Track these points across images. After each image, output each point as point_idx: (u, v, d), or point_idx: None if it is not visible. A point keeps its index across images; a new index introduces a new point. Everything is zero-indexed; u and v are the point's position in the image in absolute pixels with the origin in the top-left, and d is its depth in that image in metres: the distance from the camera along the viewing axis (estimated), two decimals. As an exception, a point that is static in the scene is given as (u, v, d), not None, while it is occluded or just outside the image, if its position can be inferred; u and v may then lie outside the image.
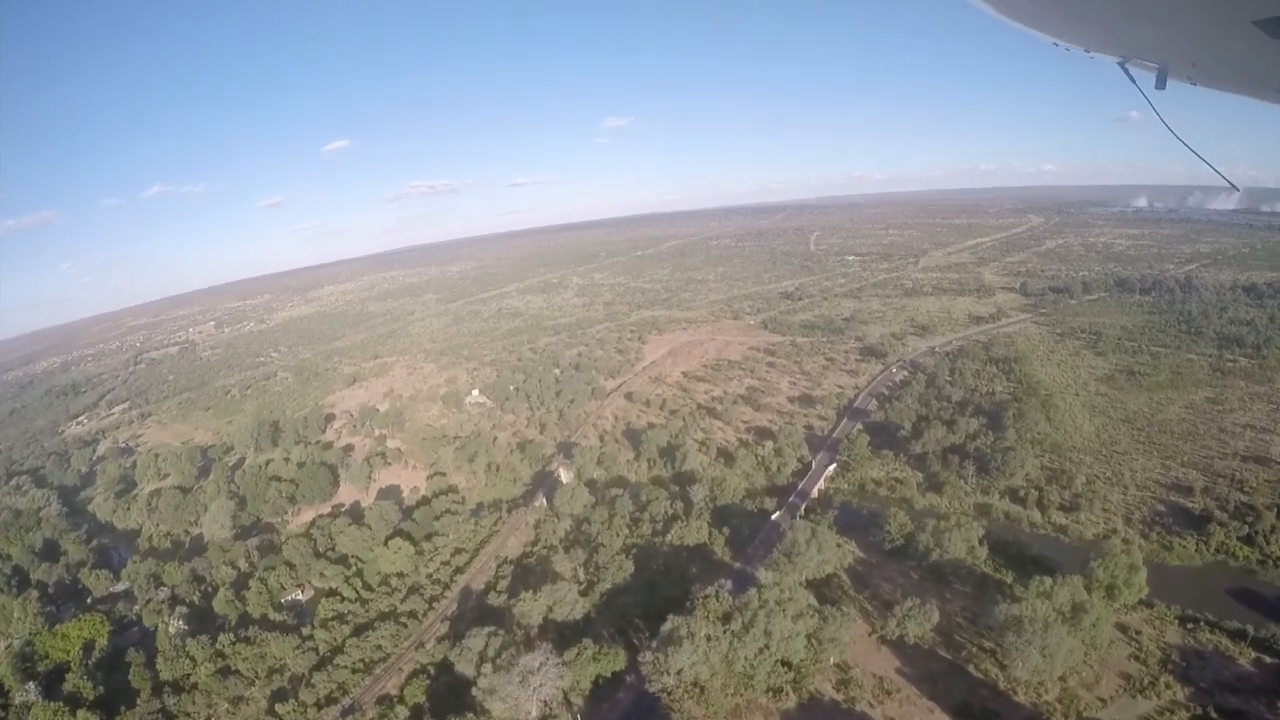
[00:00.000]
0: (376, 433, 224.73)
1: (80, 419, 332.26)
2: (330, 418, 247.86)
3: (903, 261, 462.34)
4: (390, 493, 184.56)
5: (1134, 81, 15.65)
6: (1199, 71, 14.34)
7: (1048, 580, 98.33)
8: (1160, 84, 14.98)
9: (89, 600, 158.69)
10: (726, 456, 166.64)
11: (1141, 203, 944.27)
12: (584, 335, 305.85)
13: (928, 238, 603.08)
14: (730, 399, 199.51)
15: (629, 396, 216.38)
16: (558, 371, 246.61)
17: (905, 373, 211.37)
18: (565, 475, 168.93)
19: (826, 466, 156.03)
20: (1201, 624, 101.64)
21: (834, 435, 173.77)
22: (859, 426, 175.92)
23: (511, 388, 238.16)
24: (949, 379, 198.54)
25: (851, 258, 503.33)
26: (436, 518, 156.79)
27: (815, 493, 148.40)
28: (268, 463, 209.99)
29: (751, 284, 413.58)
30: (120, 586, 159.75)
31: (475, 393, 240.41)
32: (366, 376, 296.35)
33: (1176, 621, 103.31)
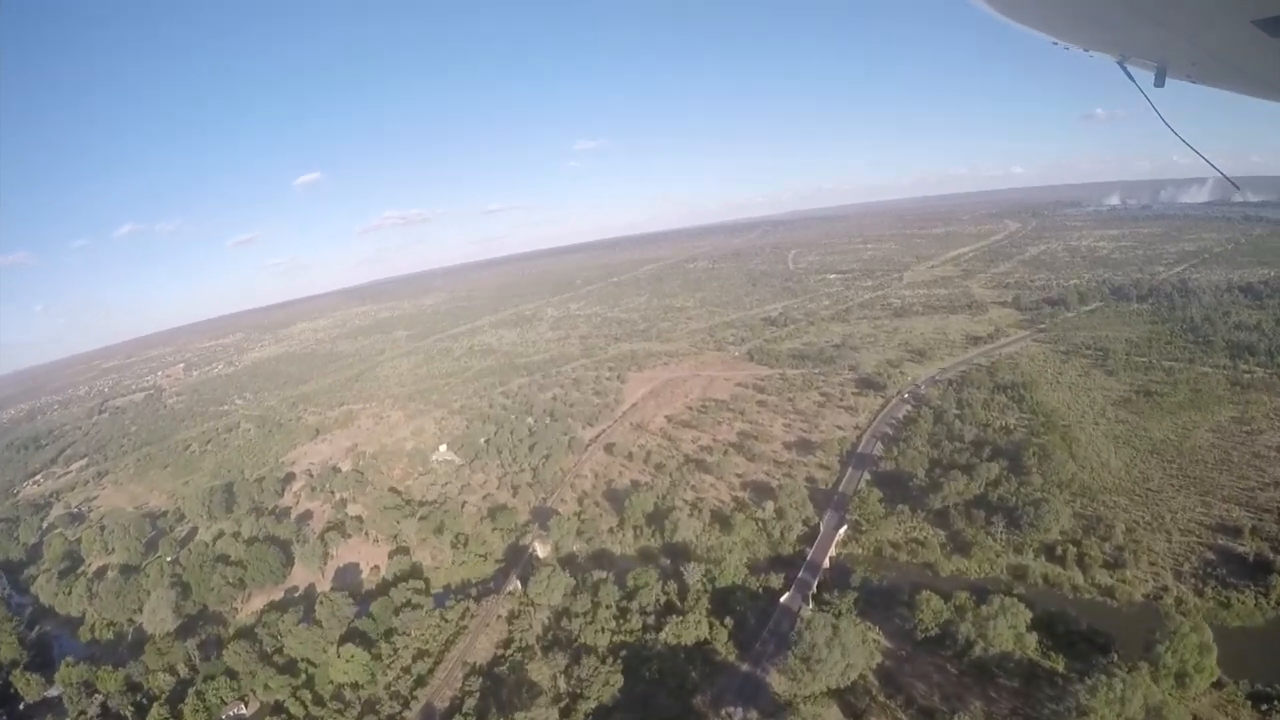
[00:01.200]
0: (337, 496, 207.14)
1: (37, 478, 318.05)
2: (290, 478, 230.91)
3: (886, 278, 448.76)
4: (348, 573, 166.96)
5: (1133, 80, 15.26)
6: (1198, 70, 14.18)
7: (1115, 684, 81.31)
8: (1159, 82, 14.70)
9: (21, 707, 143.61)
10: (722, 521, 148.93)
11: (1114, 200, 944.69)
12: (559, 374, 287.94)
13: (908, 250, 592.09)
14: (720, 448, 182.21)
15: (609, 449, 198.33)
16: (531, 420, 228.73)
17: (908, 407, 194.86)
18: (541, 549, 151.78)
19: (836, 530, 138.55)
20: (1277, 703, 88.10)
21: (840, 489, 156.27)
22: (866, 476, 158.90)
23: (482, 440, 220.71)
24: (957, 413, 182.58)
25: (833, 276, 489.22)
26: (397, 611, 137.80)
27: (826, 562, 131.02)
28: (217, 538, 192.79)
29: (732, 310, 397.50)
30: (54, 691, 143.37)
31: (443, 448, 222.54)
32: (330, 428, 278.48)
33: (1248, 704, 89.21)
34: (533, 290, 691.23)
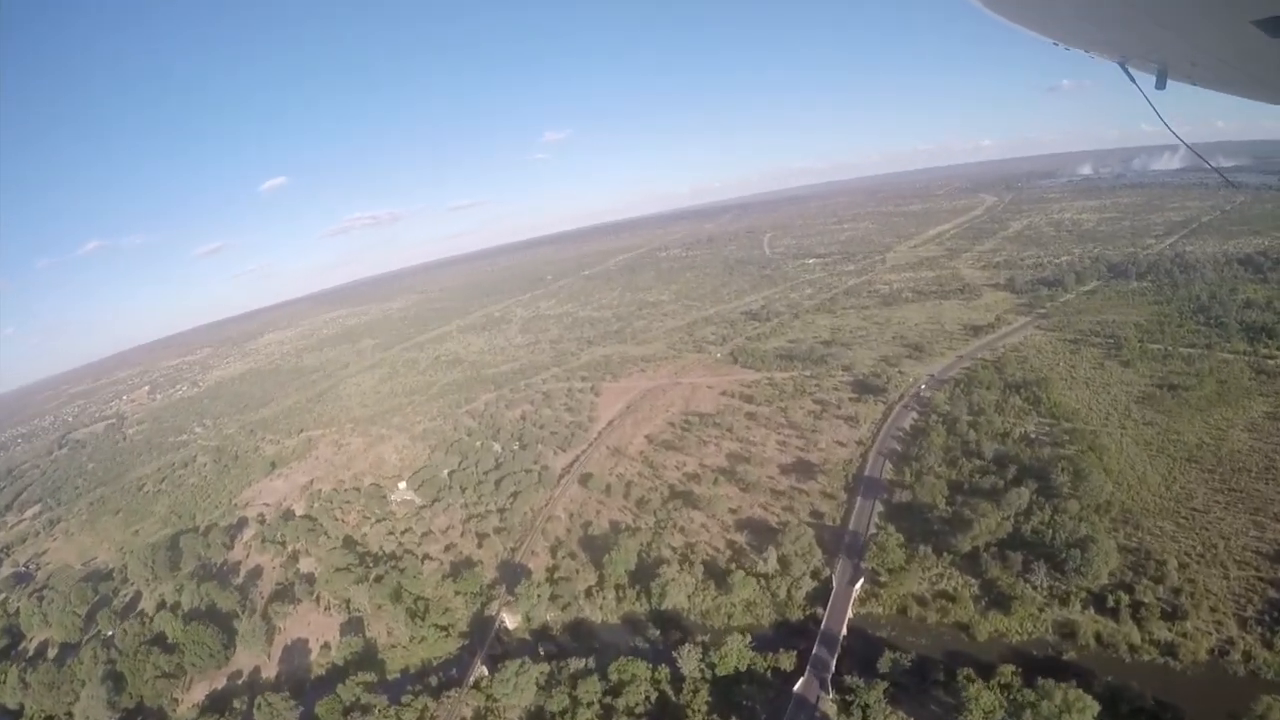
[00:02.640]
0: (288, 549, 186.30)
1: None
2: (242, 524, 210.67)
3: (868, 260, 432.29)
4: (296, 651, 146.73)
5: (1134, 81, 15.29)
6: (1199, 71, 14.18)
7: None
8: (1160, 84, 14.72)
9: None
10: (717, 576, 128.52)
11: (1087, 170, 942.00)
12: (528, 387, 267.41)
13: (887, 229, 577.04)
14: (709, 476, 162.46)
15: (584, 481, 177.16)
16: (497, 448, 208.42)
17: (914, 414, 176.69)
18: (510, 619, 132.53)
19: (852, 585, 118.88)
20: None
21: (850, 526, 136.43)
22: (879, 508, 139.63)
23: (445, 473, 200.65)
24: (970, 420, 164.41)
25: (812, 260, 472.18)
26: (345, 713, 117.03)
27: (845, 629, 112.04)
28: (158, 608, 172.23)
29: (710, 303, 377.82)
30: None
31: (402, 486, 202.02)
32: (288, 459, 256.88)
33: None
34: (502, 288, 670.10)
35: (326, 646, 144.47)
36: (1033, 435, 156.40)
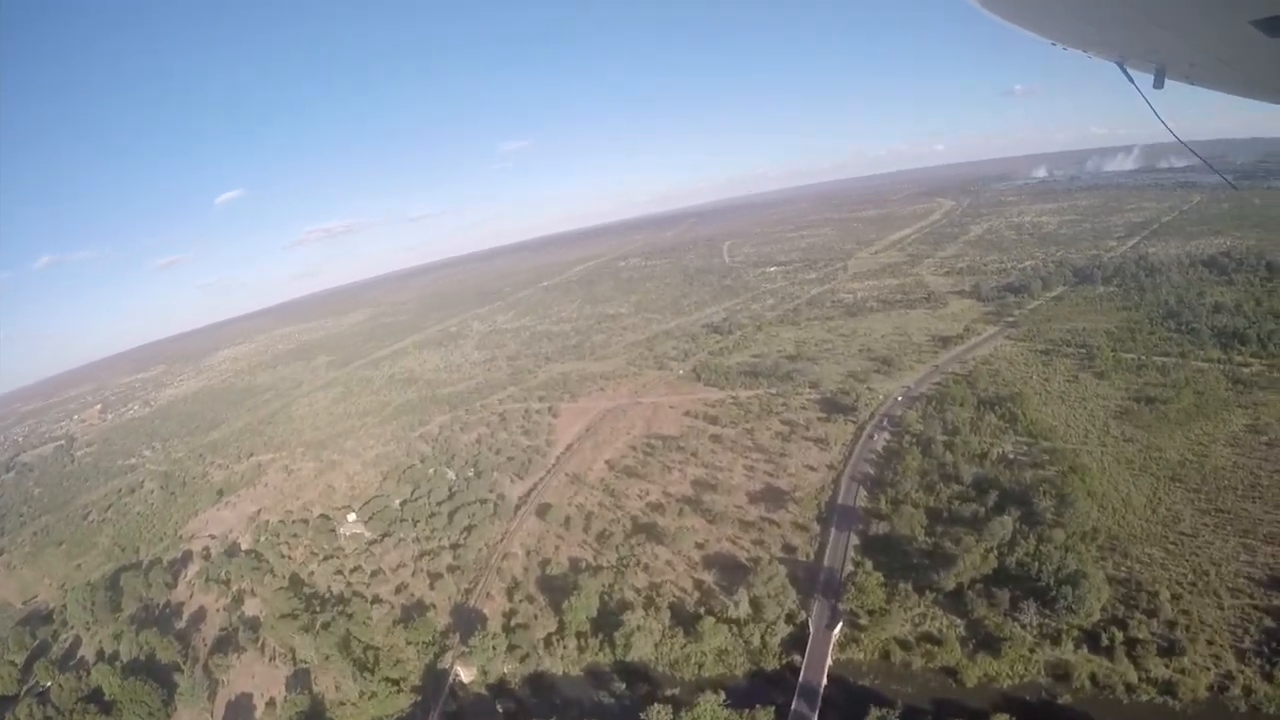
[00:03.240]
0: (233, 588, 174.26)
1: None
2: (186, 558, 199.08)
3: (829, 268, 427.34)
4: (239, 709, 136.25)
5: (1132, 81, 15.20)
6: (1197, 71, 14.20)
7: None
8: (1158, 83, 14.62)
9: None
10: (685, 622, 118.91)
11: (1042, 173, 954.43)
12: (485, 408, 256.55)
13: (846, 236, 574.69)
14: (674, 506, 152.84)
15: (542, 512, 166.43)
16: (451, 475, 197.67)
17: (887, 434, 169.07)
18: (465, 673, 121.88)
19: (830, 630, 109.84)
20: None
21: (825, 561, 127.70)
22: (855, 541, 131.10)
23: (397, 503, 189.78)
24: (946, 440, 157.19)
25: (773, 269, 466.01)
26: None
27: (825, 679, 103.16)
28: (97, 658, 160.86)
29: (670, 315, 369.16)
30: None
31: (351, 518, 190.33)
32: (236, 486, 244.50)
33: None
34: (460, 300, 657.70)
35: (272, 704, 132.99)
36: (1011, 456, 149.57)
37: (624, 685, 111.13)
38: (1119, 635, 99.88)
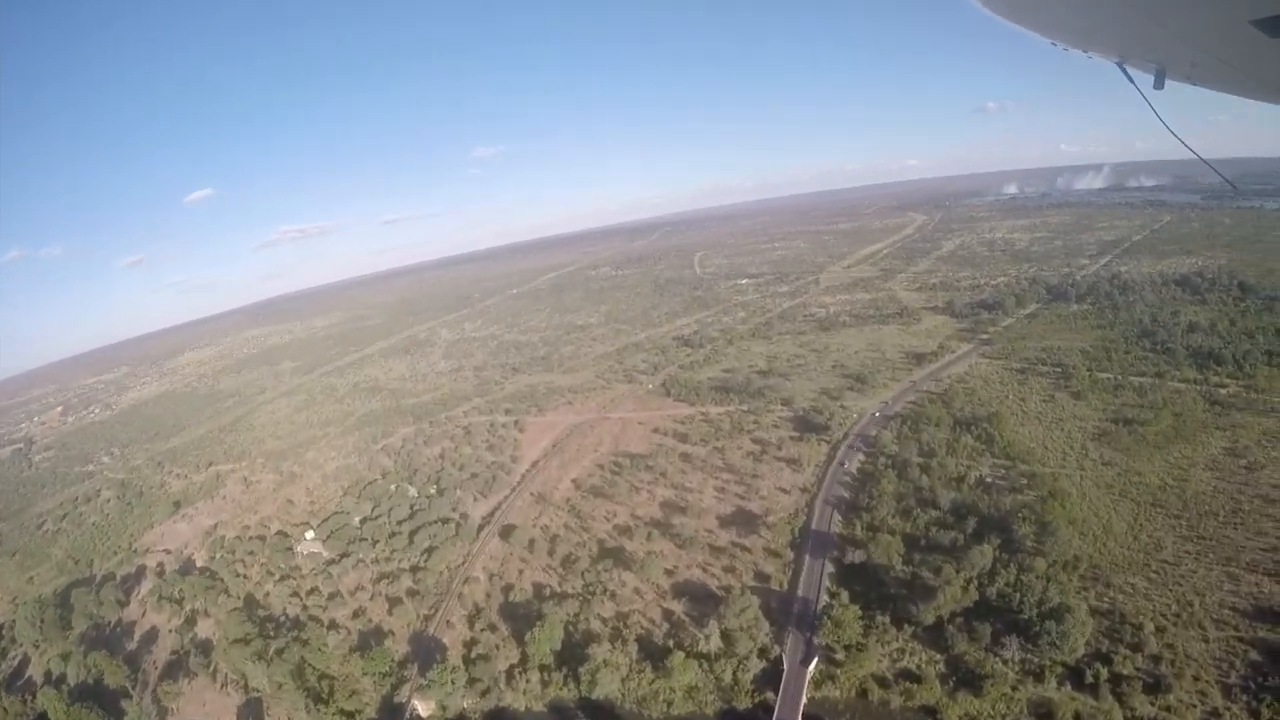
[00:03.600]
0: (187, 608, 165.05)
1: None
2: (140, 574, 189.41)
3: (801, 281, 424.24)
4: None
5: (1132, 81, 15.17)
6: (1198, 71, 14.10)
7: None
8: (1159, 84, 14.55)
9: None
10: (653, 656, 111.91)
11: (1013, 189, 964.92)
12: (449, 421, 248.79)
13: (818, 249, 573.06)
14: (642, 530, 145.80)
15: (505, 534, 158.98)
16: (413, 492, 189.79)
17: (861, 455, 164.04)
18: (423, 707, 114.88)
19: (805, 666, 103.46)
20: None
21: (799, 591, 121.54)
22: (830, 569, 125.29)
23: (357, 520, 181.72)
24: (921, 462, 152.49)
25: (744, 281, 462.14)
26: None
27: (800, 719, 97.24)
28: (45, 680, 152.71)
29: (640, 327, 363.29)
30: None
31: (309, 535, 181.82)
32: (194, 498, 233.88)
33: None
34: (429, 306, 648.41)
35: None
36: (989, 479, 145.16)
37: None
38: (1104, 671, 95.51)
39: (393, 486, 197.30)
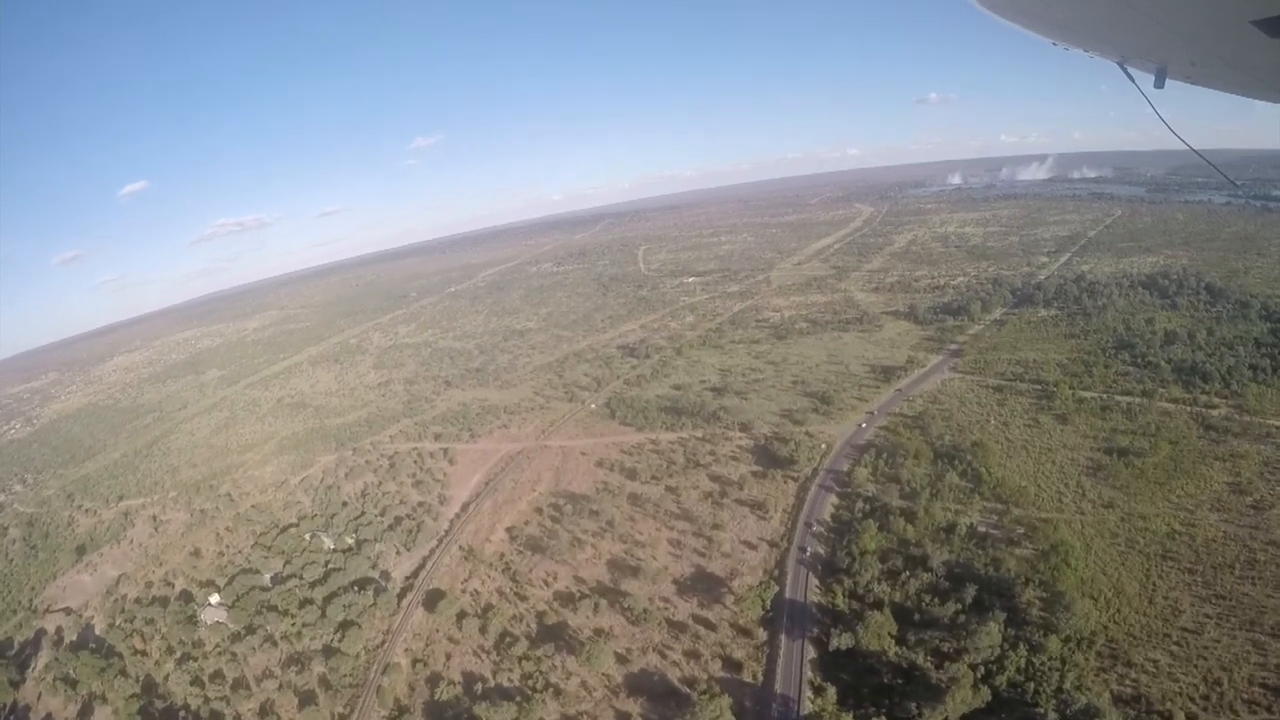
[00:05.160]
0: (82, 691, 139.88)
1: None
2: (39, 639, 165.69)
3: (751, 280, 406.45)
4: None
5: (1133, 81, 15.31)
6: (1198, 71, 14.25)
7: None
8: (1159, 83, 14.72)
9: None
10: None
11: (957, 179, 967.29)
12: (375, 448, 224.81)
13: (766, 243, 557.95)
14: (588, 601, 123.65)
15: (431, 602, 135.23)
16: (329, 544, 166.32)
17: (834, 496, 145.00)
18: None
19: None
20: None
21: (777, 686, 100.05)
22: (811, 654, 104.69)
23: (267, 578, 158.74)
24: (903, 507, 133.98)
25: (691, 279, 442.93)
26: None
27: None
28: None
29: (582, 332, 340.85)
30: None
31: (215, 599, 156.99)
32: (100, 541, 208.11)
33: None
34: (364, 305, 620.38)
35: None
36: (981, 529, 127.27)
37: None
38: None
39: (307, 536, 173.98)
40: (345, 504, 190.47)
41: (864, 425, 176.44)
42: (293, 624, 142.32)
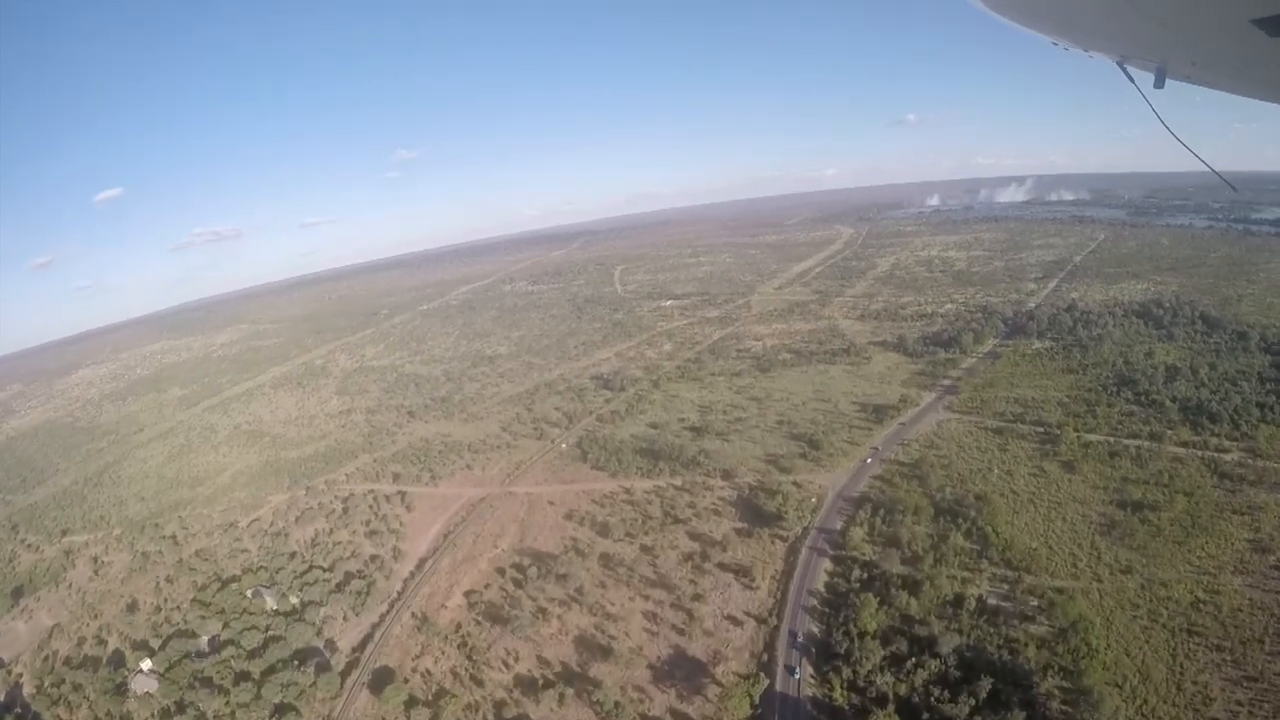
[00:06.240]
0: None
1: None
2: None
3: (731, 305, 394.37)
4: None
5: (1133, 81, 15.11)
6: (1198, 71, 13.95)
7: None
8: (1159, 83, 14.43)
9: None
10: None
11: (935, 201, 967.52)
12: (330, 487, 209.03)
13: (745, 265, 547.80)
14: (552, 690, 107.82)
15: (378, 684, 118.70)
16: (271, 604, 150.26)
17: (828, 561, 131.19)
18: None
19: None
20: None
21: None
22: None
23: (204, 641, 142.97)
24: (905, 576, 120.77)
25: (669, 303, 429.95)
26: None
27: None
28: None
29: (555, 360, 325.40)
30: None
31: (146, 665, 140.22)
32: (38, 582, 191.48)
33: None
34: (333, 324, 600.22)
35: None
36: (992, 602, 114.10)
37: None
38: None
39: (249, 593, 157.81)
40: (293, 554, 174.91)
41: (869, 460, 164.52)
42: (226, 703, 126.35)
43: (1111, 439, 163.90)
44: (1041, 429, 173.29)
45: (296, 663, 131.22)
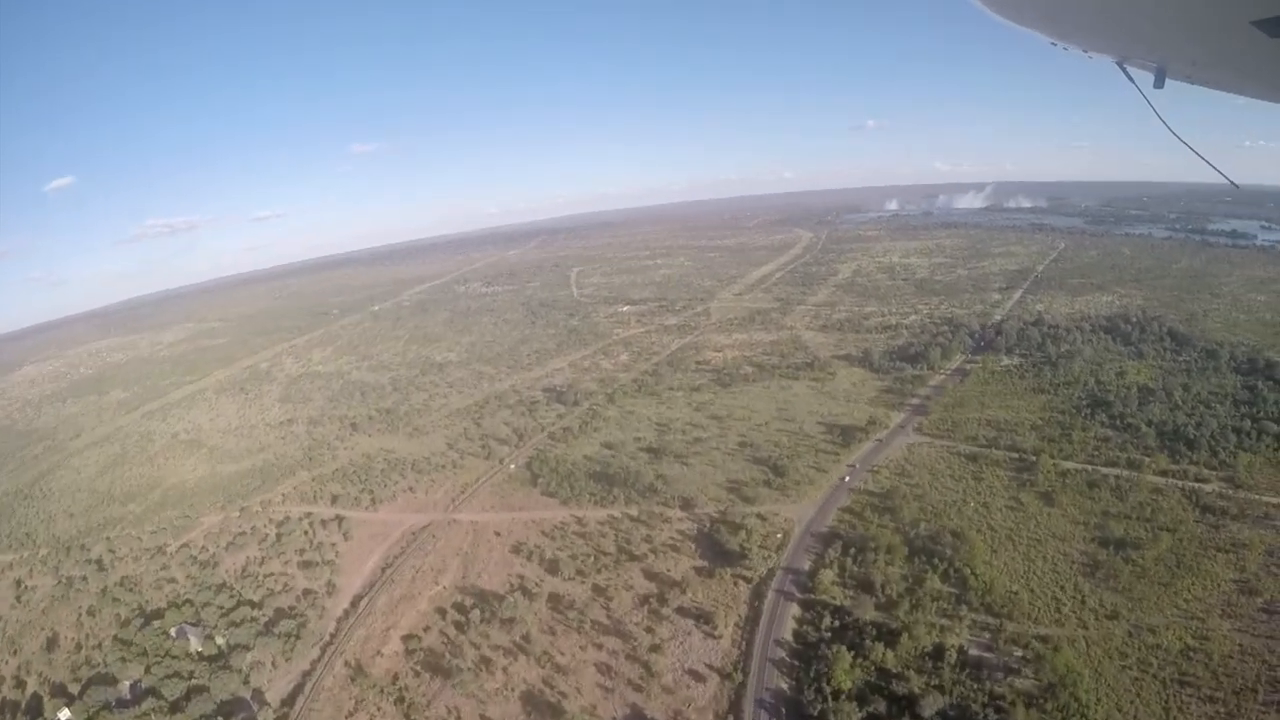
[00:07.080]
0: None
1: None
2: None
3: (690, 312, 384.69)
4: None
5: (1133, 81, 15.06)
6: (1198, 71, 13.89)
7: None
8: (1159, 83, 14.39)
9: None
10: None
11: (894, 206, 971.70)
12: (265, 508, 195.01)
13: (705, 269, 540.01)
14: None
15: None
16: (196, 647, 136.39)
17: (796, 606, 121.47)
18: None
19: None
20: None
21: None
22: None
23: (126, 686, 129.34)
24: (880, 624, 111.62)
25: (626, 308, 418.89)
26: None
27: None
28: None
29: (506, 368, 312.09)
30: None
31: (64, 716, 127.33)
32: None
33: None
34: (282, 324, 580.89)
35: None
36: (974, 654, 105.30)
37: None
38: None
39: (172, 631, 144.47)
40: (222, 585, 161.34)
41: (819, 508, 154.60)
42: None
43: (1089, 467, 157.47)
44: (1016, 455, 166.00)
45: (220, 718, 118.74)
